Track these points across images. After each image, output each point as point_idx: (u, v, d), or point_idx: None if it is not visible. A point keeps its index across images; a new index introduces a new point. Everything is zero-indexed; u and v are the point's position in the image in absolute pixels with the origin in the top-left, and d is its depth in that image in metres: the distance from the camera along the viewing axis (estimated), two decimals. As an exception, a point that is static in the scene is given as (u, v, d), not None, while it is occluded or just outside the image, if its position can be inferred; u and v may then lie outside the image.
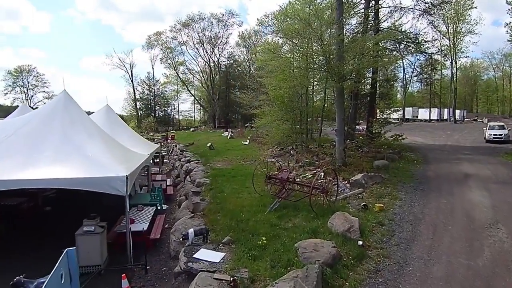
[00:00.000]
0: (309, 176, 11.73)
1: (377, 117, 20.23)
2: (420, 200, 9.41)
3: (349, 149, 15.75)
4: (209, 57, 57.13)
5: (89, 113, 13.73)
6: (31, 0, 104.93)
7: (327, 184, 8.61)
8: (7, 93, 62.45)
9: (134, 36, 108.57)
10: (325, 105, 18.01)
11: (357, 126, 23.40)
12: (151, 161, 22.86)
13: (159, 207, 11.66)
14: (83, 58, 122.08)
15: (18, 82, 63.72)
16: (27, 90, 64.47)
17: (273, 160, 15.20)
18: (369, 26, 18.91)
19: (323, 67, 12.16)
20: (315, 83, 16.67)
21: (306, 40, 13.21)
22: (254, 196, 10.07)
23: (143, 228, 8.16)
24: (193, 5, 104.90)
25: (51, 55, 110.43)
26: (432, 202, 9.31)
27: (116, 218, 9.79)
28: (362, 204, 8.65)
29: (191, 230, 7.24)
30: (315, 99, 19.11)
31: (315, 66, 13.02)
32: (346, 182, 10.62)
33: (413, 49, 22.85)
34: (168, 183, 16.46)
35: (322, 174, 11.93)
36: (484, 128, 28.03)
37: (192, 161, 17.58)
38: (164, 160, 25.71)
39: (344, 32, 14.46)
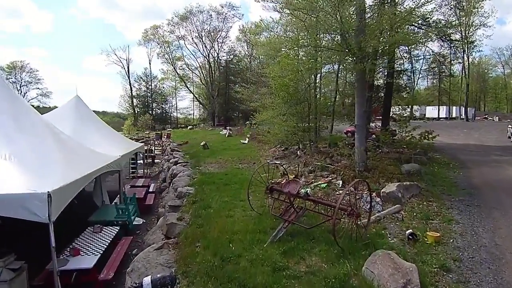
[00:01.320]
0: (323, 185, 9.01)
1: (391, 113, 17.64)
2: (484, 224, 6.66)
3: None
4: (208, 52, 54.43)
5: (43, 109, 11.10)
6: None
7: (355, 202, 5.86)
8: (-2, 89, 59.91)
9: (136, 35, 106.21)
10: (337, 97, 15.19)
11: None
12: (142, 162, 20.38)
13: (129, 225, 9.04)
14: (84, 57, 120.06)
15: (11, 78, 61.28)
16: (20, 87, 62.13)
17: (276, 162, 12.50)
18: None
19: (341, 45, 9.42)
20: (325, 69, 13.90)
21: (316, 14, 10.45)
22: (250, 214, 7.36)
23: (74, 274, 5.46)
24: (195, 2, 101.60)
25: (52, 54, 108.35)
26: (501, 226, 6.56)
27: (75, 236, 7.21)
28: (408, 232, 5.90)
29: (147, 280, 4.58)
30: (324, 91, 16.24)
31: (329, 44, 10.25)
32: (375, 194, 7.90)
33: (434, 36, 20.09)
34: (150, 189, 13.78)
35: (340, 182, 9.24)
36: (509, 126, 25.50)
37: (180, 163, 14.89)
38: (156, 161, 23.12)
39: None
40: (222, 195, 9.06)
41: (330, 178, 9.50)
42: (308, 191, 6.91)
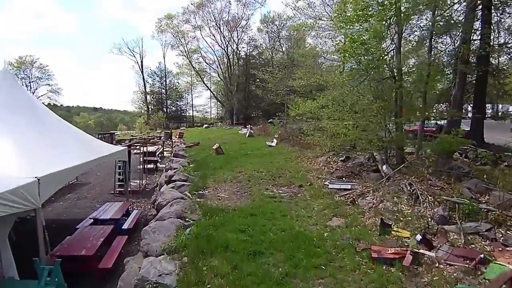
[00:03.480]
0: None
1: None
2: None
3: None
4: (226, 43, 49.05)
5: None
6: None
7: None
8: (8, 85, 57.23)
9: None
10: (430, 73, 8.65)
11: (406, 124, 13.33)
12: (142, 168, 14.79)
13: None
14: (108, 57, 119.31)
15: (20, 74, 58.55)
16: (30, 83, 59.30)
17: (341, 187, 6.67)
18: None
19: None
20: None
21: None
22: None
23: None
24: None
25: (75, 54, 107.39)
26: None
27: None
28: None
29: None
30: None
31: None
32: None
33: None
34: (126, 225, 8.11)
35: None
36: None
37: (175, 180, 9.24)
38: (161, 166, 17.72)
39: None
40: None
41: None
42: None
